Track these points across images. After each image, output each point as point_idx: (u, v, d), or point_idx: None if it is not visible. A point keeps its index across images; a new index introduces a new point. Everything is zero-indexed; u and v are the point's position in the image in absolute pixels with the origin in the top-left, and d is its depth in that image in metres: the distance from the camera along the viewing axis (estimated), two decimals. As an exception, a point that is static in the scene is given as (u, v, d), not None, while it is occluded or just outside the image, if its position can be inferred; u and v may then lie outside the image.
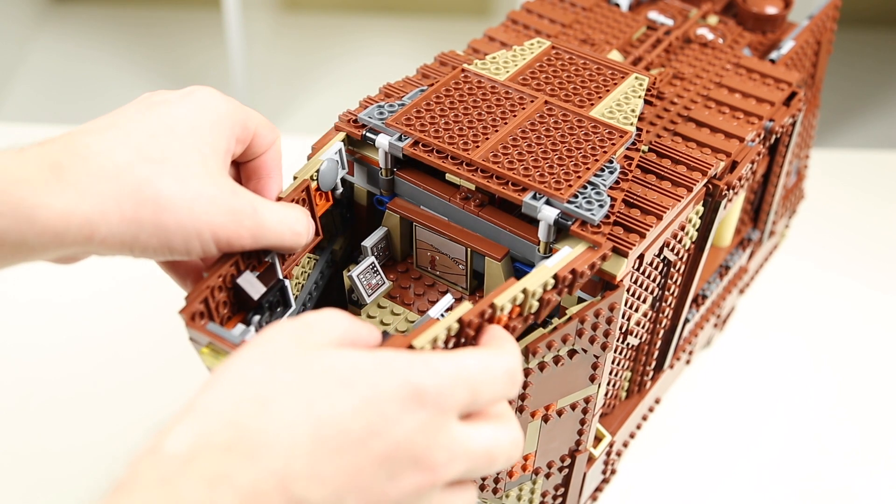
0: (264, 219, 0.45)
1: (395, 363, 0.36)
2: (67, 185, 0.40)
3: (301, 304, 0.56)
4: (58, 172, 0.41)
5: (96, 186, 0.41)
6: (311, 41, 2.15)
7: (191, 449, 0.32)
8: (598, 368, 0.52)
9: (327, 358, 0.36)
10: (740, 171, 0.56)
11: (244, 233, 0.44)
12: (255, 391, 0.34)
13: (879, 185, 1.04)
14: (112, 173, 0.41)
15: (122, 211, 0.41)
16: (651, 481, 0.73)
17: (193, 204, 0.43)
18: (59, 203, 0.40)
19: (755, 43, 0.71)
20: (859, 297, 0.90)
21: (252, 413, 0.33)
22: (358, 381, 0.35)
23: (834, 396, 0.80)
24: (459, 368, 0.37)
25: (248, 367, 0.35)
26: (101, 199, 0.41)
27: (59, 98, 1.96)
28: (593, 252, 0.47)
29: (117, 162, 0.42)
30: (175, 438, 0.33)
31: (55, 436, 0.74)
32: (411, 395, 0.35)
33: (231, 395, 0.34)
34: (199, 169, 0.44)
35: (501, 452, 0.38)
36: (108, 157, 0.42)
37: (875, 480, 0.74)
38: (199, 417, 0.33)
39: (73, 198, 0.40)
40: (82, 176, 0.41)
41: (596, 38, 0.67)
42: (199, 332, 0.43)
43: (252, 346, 0.36)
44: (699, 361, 0.82)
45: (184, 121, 0.45)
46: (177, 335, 0.79)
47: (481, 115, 0.54)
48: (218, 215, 0.43)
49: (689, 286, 0.61)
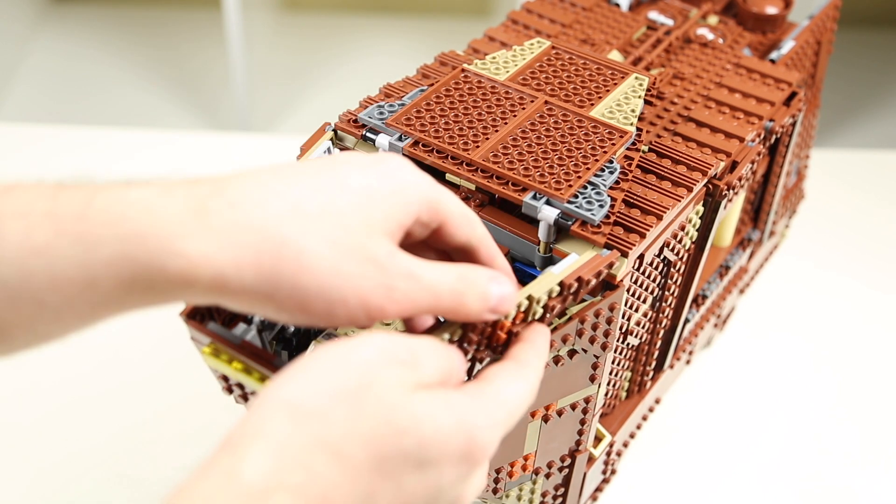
0: (419, 279, 0.39)
1: (462, 425, 0.37)
2: (208, 233, 0.37)
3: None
4: (203, 218, 0.37)
5: (237, 237, 0.37)
6: (311, 41, 2.15)
7: (268, 485, 0.33)
8: (598, 368, 0.52)
9: (408, 416, 0.35)
10: (740, 171, 0.56)
11: (399, 297, 0.39)
12: (332, 439, 0.34)
13: (879, 185, 1.04)
14: (258, 224, 0.37)
15: (260, 266, 0.37)
16: (651, 481, 0.73)
17: (340, 266, 0.37)
18: (195, 252, 0.36)
19: (755, 43, 0.71)
20: (859, 297, 0.90)
21: (325, 462, 0.34)
22: (429, 447, 0.36)
23: (834, 396, 0.80)
24: (508, 416, 0.39)
25: (334, 406, 0.35)
26: (239, 251, 0.37)
27: (59, 98, 1.96)
28: (600, 260, 0.47)
29: (266, 213, 0.37)
30: (254, 467, 0.33)
31: (55, 435, 0.74)
32: (466, 456, 0.37)
33: (308, 435, 0.34)
34: (360, 227, 0.39)
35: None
36: (258, 206, 0.37)
37: (875, 480, 0.74)
38: (276, 449, 0.33)
39: (211, 248, 0.36)
40: (227, 224, 0.37)
41: (596, 38, 0.67)
42: (200, 332, 0.43)
43: (339, 371, 0.35)
44: (699, 361, 0.82)
45: (361, 179, 0.40)
46: (178, 336, 0.79)
47: (481, 115, 0.54)
48: (365, 279, 0.38)
49: (690, 286, 0.61)
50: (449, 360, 0.38)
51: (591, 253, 0.48)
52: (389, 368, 0.36)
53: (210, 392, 0.74)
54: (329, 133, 0.55)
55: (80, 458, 0.72)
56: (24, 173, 0.44)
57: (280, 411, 0.34)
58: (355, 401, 0.35)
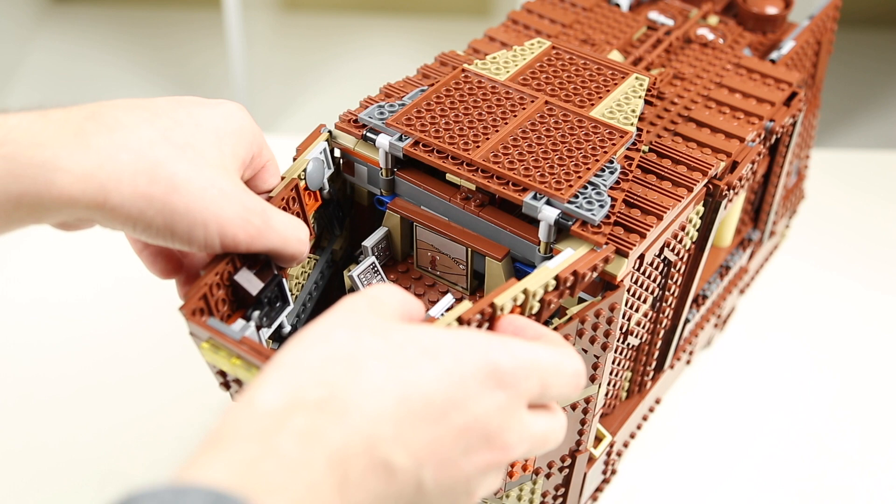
0: (273, 220, 0.45)
1: (475, 340, 0.37)
2: (90, 152, 0.41)
3: (301, 303, 0.56)
4: (83, 139, 0.41)
5: (117, 156, 0.42)
6: (311, 41, 2.15)
7: (285, 405, 0.33)
8: (599, 368, 0.52)
9: (408, 329, 0.36)
10: (741, 171, 0.56)
11: (252, 230, 0.44)
12: (343, 352, 0.35)
13: (879, 185, 1.04)
14: (134, 147, 0.42)
15: (136, 184, 0.41)
16: (651, 481, 0.73)
17: (205, 192, 0.43)
18: (79, 169, 0.41)
19: (755, 43, 0.71)
20: (859, 298, 0.90)
21: (342, 373, 0.34)
22: (441, 353, 0.35)
23: (833, 396, 0.80)
24: (535, 358, 0.38)
25: (334, 330, 0.36)
26: (118, 169, 0.41)
27: (59, 98, 1.95)
28: (596, 254, 0.47)
29: (140, 137, 0.43)
30: (268, 393, 0.33)
31: (55, 435, 0.74)
32: (491, 374, 0.36)
33: (320, 355, 0.35)
34: (217, 163, 0.44)
35: (554, 438, 0.40)
36: (132, 131, 0.43)
37: (875, 480, 0.74)
38: (290, 373, 0.34)
39: (93, 165, 0.41)
40: (105, 145, 0.42)
41: (596, 39, 0.67)
42: (199, 327, 0.43)
43: (333, 312, 0.37)
44: (699, 361, 0.82)
45: (210, 120, 0.46)
46: (176, 334, 0.79)
47: (482, 116, 0.54)
48: (227, 208, 0.43)
49: (690, 286, 0.61)
50: (406, 298, 0.40)
51: (587, 247, 0.48)
52: (362, 308, 0.38)
53: (208, 388, 0.74)
54: (325, 134, 0.55)
55: (78, 455, 0.72)
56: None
57: (291, 348, 0.36)
58: (352, 327, 0.36)
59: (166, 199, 0.42)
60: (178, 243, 0.44)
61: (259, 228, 0.45)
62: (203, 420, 0.75)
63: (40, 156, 0.40)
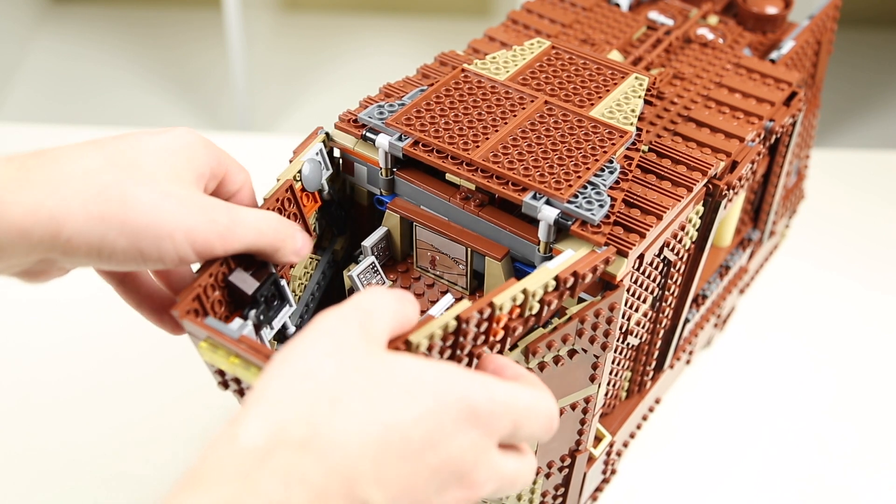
0: (240, 215, 0.44)
1: (456, 379, 0.37)
2: (34, 184, 0.41)
3: (304, 303, 0.56)
4: (25, 173, 0.41)
5: (63, 186, 0.41)
6: (311, 41, 2.15)
7: (267, 443, 0.33)
8: (598, 368, 0.52)
9: (393, 364, 0.37)
10: (740, 171, 0.56)
11: (220, 229, 0.43)
12: (327, 389, 0.35)
13: (879, 185, 1.04)
14: (79, 175, 0.42)
15: (88, 210, 0.41)
16: (651, 481, 0.73)
17: (162, 203, 0.42)
18: (27, 200, 0.40)
19: (755, 43, 0.71)
20: (859, 298, 0.90)
21: (325, 411, 0.34)
22: (422, 392, 0.36)
23: (833, 396, 0.80)
24: (512, 399, 0.38)
25: (320, 362, 0.36)
26: (67, 197, 0.41)
27: (59, 98, 1.96)
28: (596, 255, 0.47)
29: (85, 166, 0.42)
30: (251, 430, 0.33)
31: (55, 436, 0.74)
32: (468, 414, 0.36)
33: (304, 391, 0.35)
34: (170, 177, 0.44)
35: (522, 480, 0.40)
36: (76, 162, 0.42)
37: (875, 480, 0.74)
38: (274, 410, 0.34)
39: (39, 195, 0.41)
40: (50, 176, 0.41)
41: (596, 38, 0.67)
42: (197, 327, 0.43)
43: (320, 335, 0.37)
44: (699, 361, 0.82)
45: (156, 142, 0.45)
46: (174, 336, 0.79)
47: (481, 115, 0.54)
48: (189, 214, 0.42)
49: (690, 286, 0.61)
50: (400, 305, 0.40)
51: (588, 248, 0.48)
52: (351, 329, 0.37)
53: (208, 388, 0.74)
54: (321, 136, 0.55)
55: (78, 456, 0.72)
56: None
57: (275, 378, 0.35)
58: (338, 360, 0.36)
59: (124, 218, 0.41)
60: (151, 263, 0.43)
61: (227, 226, 0.44)
62: (203, 420, 0.75)
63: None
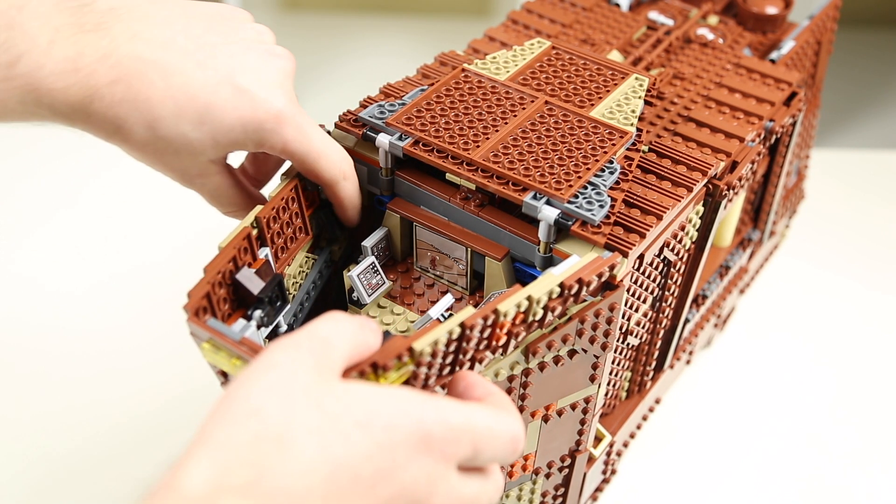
0: (304, 115, 0.50)
1: (409, 406, 0.36)
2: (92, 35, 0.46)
3: (298, 303, 0.56)
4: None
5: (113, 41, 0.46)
6: (311, 41, 2.15)
7: (210, 490, 0.32)
8: (598, 368, 0.52)
9: (345, 394, 0.36)
10: (740, 171, 0.56)
11: (295, 126, 0.48)
12: (274, 429, 0.34)
13: (879, 185, 1.04)
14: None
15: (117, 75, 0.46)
16: (651, 481, 0.73)
17: (216, 88, 0.47)
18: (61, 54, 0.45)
19: (755, 43, 0.71)
20: (859, 298, 0.90)
21: (271, 453, 0.33)
22: (374, 424, 0.35)
23: (833, 396, 0.80)
24: (468, 423, 0.37)
25: (267, 401, 0.34)
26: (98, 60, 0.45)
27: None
28: (601, 261, 0.47)
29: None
30: (193, 475, 0.32)
31: (55, 434, 0.74)
32: (421, 441, 0.36)
33: (250, 432, 0.34)
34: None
35: (486, 500, 0.39)
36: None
37: (875, 480, 0.74)
38: (216, 453, 0.33)
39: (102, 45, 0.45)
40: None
41: (596, 39, 0.67)
42: (200, 328, 0.43)
43: (267, 369, 0.36)
44: (699, 361, 0.82)
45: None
46: (176, 334, 0.79)
47: (481, 115, 0.54)
48: (242, 106, 0.47)
49: (690, 286, 0.61)
50: (359, 331, 0.39)
51: (593, 254, 0.48)
52: (302, 359, 0.36)
53: (208, 388, 0.74)
54: None
55: (78, 456, 0.72)
56: (24, 174, 0.44)
57: (219, 418, 0.34)
58: (285, 396, 0.35)
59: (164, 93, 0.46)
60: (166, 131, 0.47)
61: (302, 125, 0.48)
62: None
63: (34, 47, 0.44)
